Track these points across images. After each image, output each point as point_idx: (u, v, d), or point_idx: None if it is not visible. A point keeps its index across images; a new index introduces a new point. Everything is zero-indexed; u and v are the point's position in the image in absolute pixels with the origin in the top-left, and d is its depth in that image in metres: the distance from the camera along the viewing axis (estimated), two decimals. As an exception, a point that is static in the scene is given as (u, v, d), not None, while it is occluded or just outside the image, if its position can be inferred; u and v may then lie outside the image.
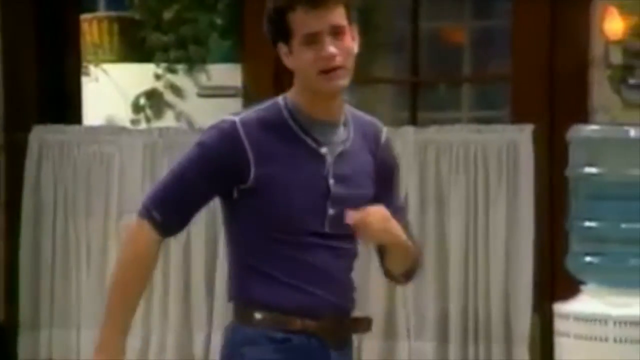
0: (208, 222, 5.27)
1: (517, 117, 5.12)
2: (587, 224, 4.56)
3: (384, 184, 3.04)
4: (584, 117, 4.91)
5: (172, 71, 8.41)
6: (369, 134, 3.03)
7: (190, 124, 8.19)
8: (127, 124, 8.17)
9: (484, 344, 5.04)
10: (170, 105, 8.37)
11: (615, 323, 4.39)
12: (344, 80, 2.88)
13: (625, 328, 4.39)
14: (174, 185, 2.90)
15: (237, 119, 2.88)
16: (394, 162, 3.10)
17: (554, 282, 4.90)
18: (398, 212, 3.03)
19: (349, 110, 3.01)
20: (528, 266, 4.97)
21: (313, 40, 2.84)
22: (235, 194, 2.91)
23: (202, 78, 8.41)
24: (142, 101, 8.32)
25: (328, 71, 2.85)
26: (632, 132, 4.57)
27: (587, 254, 4.57)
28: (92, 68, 8.00)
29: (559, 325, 4.49)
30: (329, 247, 2.92)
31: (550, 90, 5.04)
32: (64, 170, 5.47)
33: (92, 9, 8.70)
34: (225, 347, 2.97)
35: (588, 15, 4.94)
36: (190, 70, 8.43)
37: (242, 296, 2.94)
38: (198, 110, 8.25)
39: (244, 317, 2.93)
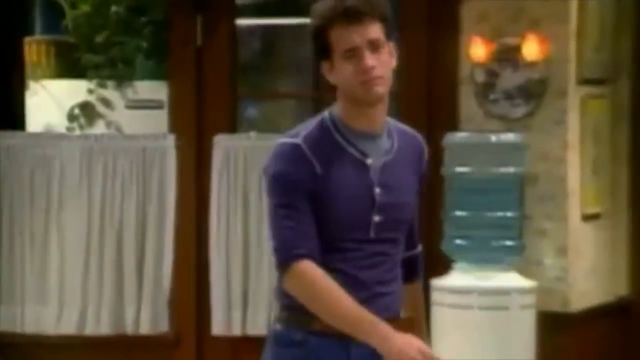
0: (138, 209, 5.51)
1: (401, 127, 5.49)
2: (458, 213, 4.93)
3: (418, 193, 2.95)
4: (455, 126, 5.22)
5: (103, 86, 8.62)
6: (413, 147, 2.93)
7: (119, 131, 8.46)
8: (64, 131, 8.40)
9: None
10: (101, 116, 8.59)
11: (479, 294, 4.76)
12: (383, 88, 2.78)
13: (487, 297, 4.75)
14: (286, 221, 2.76)
15: (298, 140, 2.78)
16: (428, 173, 2.99)
17: (431, 261, 5.19)
18: (414, 218, 2.96)
19: (392, 123, 2.90)
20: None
21: (353, 54, 2.75)
22: None
23: (130, 92, 8.65)
24: (77, 112, 8.52)
25: (368, 81, 2.76)
26: (493, 138, 4.98)
27: (458, 238, 4.94)
28: (32, 84, 8.14)
29: (435, 296, 4.81)
30: (370, 252, 2.81)
31: (427, 104, 5.35)
32: (10, 171, 5.62)
33: (31, 33, 8.87)
34: (267, 342, 2.88)
35: (457, 43, 5.25)
36: (119, 86, 8.64)
37: (279, 295, 2.84)
38: (126, 120, 8.53)
39: (278, 314, 2.85)
